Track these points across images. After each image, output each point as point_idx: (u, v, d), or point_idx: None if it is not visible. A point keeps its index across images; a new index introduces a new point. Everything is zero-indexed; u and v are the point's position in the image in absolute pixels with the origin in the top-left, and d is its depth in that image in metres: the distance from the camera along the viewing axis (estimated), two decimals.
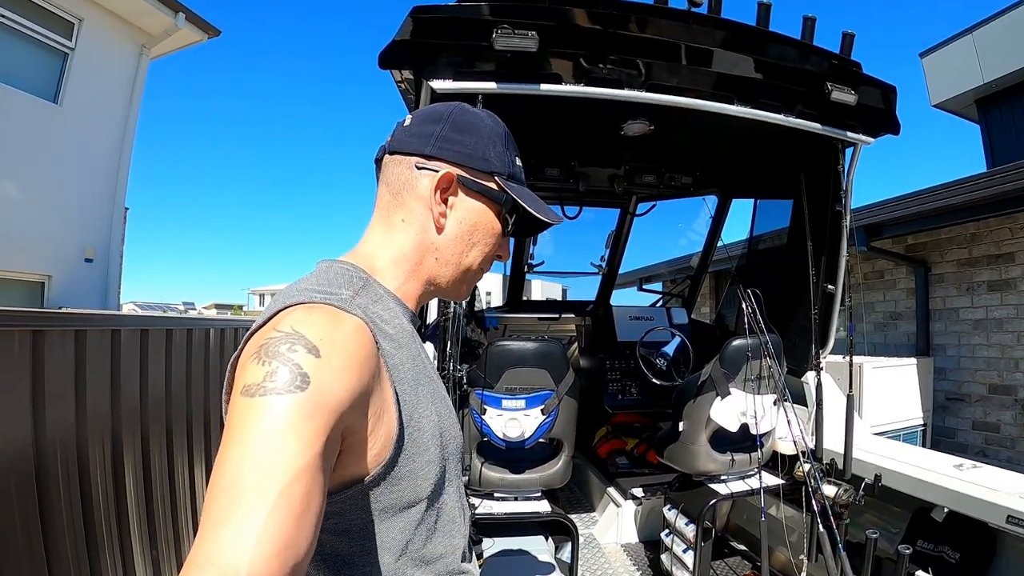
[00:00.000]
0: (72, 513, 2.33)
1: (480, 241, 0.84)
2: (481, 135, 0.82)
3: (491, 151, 0.82)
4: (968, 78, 8.17)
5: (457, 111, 0.83)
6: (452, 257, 0.82)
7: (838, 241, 2.50)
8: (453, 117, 0.82)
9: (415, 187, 0.80)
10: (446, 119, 0.82)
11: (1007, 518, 1.93)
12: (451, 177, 0.79)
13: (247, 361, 0.60)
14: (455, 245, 0.82)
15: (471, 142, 0.81)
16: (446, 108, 0.84)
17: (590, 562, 2.96)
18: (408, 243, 0.81)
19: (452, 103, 0.86)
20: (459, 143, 0.80)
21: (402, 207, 0.81)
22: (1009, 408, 5.03)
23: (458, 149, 0.80)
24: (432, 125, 0.81)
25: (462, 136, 0.81)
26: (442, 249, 0.82)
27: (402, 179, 0.81)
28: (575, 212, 3.80)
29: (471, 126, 0.82)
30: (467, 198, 0.81)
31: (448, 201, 0.80)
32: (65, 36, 6.47)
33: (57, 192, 6.45)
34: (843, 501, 2.20)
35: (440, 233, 0.81)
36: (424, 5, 1.75)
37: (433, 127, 0.81)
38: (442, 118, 0.82)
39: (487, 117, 0.85)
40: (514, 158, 0.86)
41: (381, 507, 0.69)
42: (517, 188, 0.84)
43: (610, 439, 3.94)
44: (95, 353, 2.50)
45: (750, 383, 2.46)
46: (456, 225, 0.81)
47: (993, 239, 5.13)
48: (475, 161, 0.81)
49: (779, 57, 2.10)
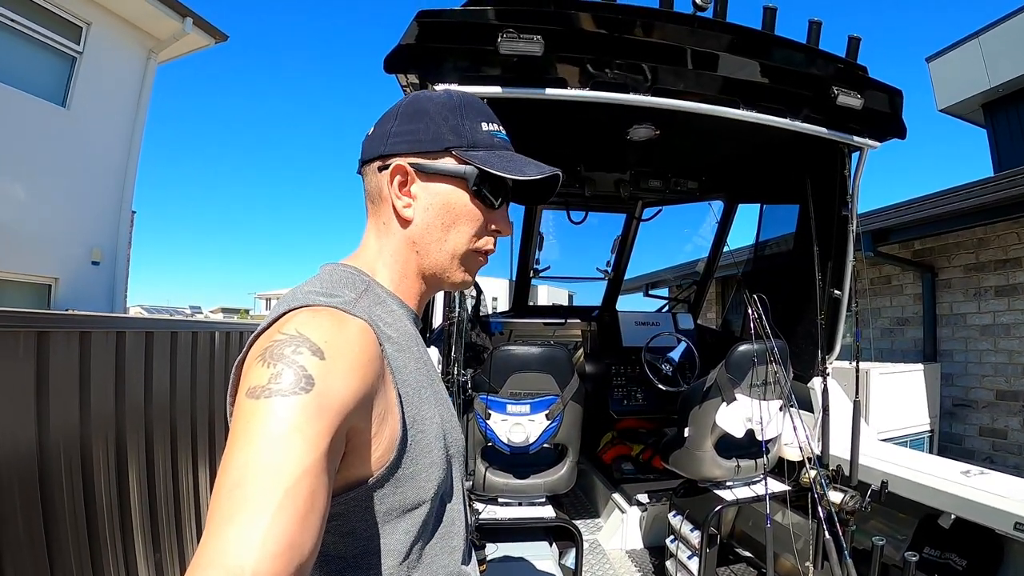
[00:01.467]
0: (76, 515, 2.33)
1: (458, 220, 0.81)
2: (431, 116, 0.80)
3: (444, 126, 0.80)
4: (975, 82, 8.16)
5: (406, 102, 0.83)
6: (432, 245, 0.81)
7: (844, 246, 2.49)
8: (402, 109, 0.82)
9: (382, 189, 0.81)
10: (396, 114, 0.82)
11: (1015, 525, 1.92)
12: (401, 168, 0.79)
13: (252, 363, 0.61)
14: (430, 232, 0.81)
15: (421, 127, 0.80)
16: (397, 103, 0.84)
17: (594, 568, 2.94)
18: (392, 244, 0.82)
19: (406, 96, 0.85)
20: (409, 132, 0.80)
21: (380, 212, 0.82)
22: (1017, 414, 5.00)
23: (408, 138, 0.79)
24: (386, 125, 0.81)
25: (412, 124, 0.80)
26: (419, 240, 0.81)
27: (372, 185, 0.82)
28: (581, 217, 3.80)
29: (420, 112, 0.81)
30: (428, 183, 0.80)
31: (412, 193, 0.80)
32: (73, 40, 6.52)
33: (64, 195, 6.48)
34: (849, 507, 2.19)
35: (408, 226, 0.80)
36: (430, 9, 1.76)
37: (387, 126, 0.81)
38: (393, 116, 0.82)
39: (438, 95, 0.83)
40: (477, 124, 0.81)
41: (385, 509, 0.69)
42: (482, 155, 0.80)
43: (615, 445, 3.93)
44: (100, 355, 2.51)
45: (756, 389, 2.45)
46: (424, 212, 0.80)
47: (1000, 244, 5.11)
48: (426, 144, 0.79)
49: (785, 61, 2.09)
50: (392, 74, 1.91)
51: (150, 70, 7.57)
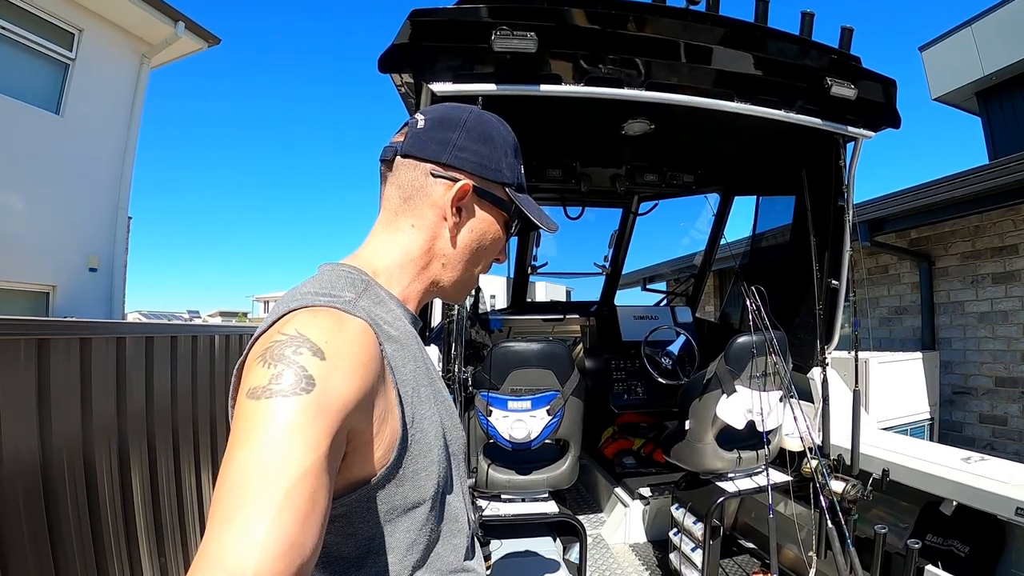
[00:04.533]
0: (79, 521, 2.33)
1: (487, 249, 0.86)
2: (496, 145, 0.83)
3: (503, 161, 0.83)
4: (968, 71, 8.16)
5: (473, 118, 0.83)
6: (459, 264, 0.84)
7: (841, 236, 2.49)
8: (469, 124, 0.82)
9: (430, 194, 0.80)
10: (462, 126, 0.81)
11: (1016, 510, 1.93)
12: (468, 189, 0.80)
13: (252, 364, 0.61)
14: (463, 253, 0.83)
15: (486, 152, 0.81)
16: (462, 113, 0.83)
17: (598, 562, 2.95)
18: (415, 247, 0.81)
19: (466, 107, 0.85)
20: (476, 152, 0.80)
21: (413, 212, 0.81)
22: (1016, 401, 5.01)
23: (475, 159, 0.80)
24: (448, 132, 0.80)
25: (478, 145, 0.81)
26: (450, 256, 0.83)
27: (415, 184, 0.80)
28: (577, 213, 3.80)
29: (487, 136, 0.82)
30: (478, 208, 0.83)
31: (461, 211, 0.81)
32: (65, 47, 6.50)
33: (60, 202, 6.47)
34: (851, 497, 2.20)
35: (444, 239, 0.82)
36: (423, 8, 1.76)
37: (450, 134, 0.80)
38: (458, 125, 0.81)
39: (501, 126, 0.86)
40: (520, 167, 0.87)
41: (386, 508, 0.69)
42: (523, 198, 0.86)
43: (616, 439, 3.94)
44: (100, 361, 2.51)
45: (756, 380, 2.45)
46: (467, 234, 0.82)
47: (996, 231, 5.12)
48: (489, 172, 0.81)
49: (778, 53, 2.10)
50: (386, 74, 1.91)
51: (143, 75, 7.56)
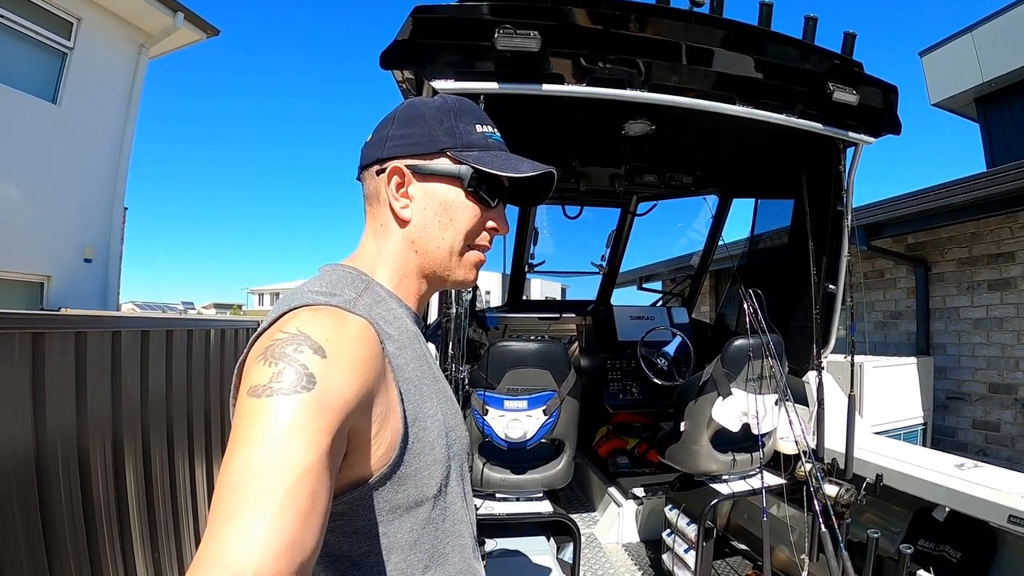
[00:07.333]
0: (73, 515, 2.32)
1: (455, 219, 0.82)
2: (427, 119, 0.82)
3: (439, 129, 0.81)
4: (967, 77, 8.17)
5: (402, 108, 0.85)
6: (431, 244, 0.83)
7: (839, 241, 2.50)
8: (398, 115, 0.84)
9: (380, 192, 0.82)
10: (393, 120, 0.84)
11: (1008, 517, 1.93)
12: (397, 169, 0.80)
13: (253, 362, 0.61)
14: (428, 231, 0.82)
15: (417, 131, 0.82)
16: (394, 110, 0.86)
17: (592, 562, 2.96)
18: (391, 245, 0.83)
19: (402, 103, 0.87)
20: (404, 136, 0.82)
21: (378, 213, 0.84)
22: (1009, 407, 5.04)
23: (405, 142, 0.81)
24: (383, 131, 0.84)
25: (407, 128, 0.82)
26: (418, 240, 0.82)
27: (371, 188, 0.84)
28: (576, 212, 3.80)
29: (415, 116, 0.83)
30: (424, 184, 0.82)
31: (409, 194, 0.81)
32: (63, 36, 6.45)
33: (56, 192, 6.43)
34: (844, 501, 2.20)
35: (407, 226, 0.82)
36: (425, 5, 1.75)
37: (384, 131, 0.83)
38: (389, 122, 0.84)
39: (434, 100, 0.86)
40: (471, 126, 0.83)
41: (388, 507, 0.69)
42: (476, 155, 0.81)
43: (611, 439, 3.94)
44: (95, 355, 2.50)
45: (751, 383, 2.46)
46: (421, 212, 0.82)
47: (993, 238, 5.13)
48: (421, 146, 0.81)
49: (780, 57, 2.10)
50: (388, 70, 1.90)
51: (141, 65, 7.51)
